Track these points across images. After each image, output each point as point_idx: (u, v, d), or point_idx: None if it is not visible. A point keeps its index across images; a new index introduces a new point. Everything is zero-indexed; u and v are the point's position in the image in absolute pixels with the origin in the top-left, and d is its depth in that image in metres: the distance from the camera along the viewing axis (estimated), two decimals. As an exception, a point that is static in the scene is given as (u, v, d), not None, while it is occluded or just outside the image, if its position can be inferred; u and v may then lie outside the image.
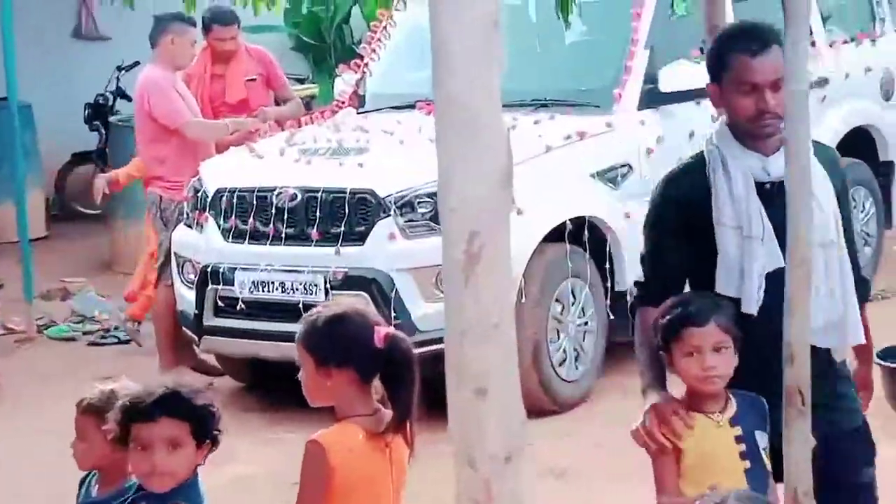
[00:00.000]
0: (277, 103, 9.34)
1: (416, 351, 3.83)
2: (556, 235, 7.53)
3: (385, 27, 9.07)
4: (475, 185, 2.46)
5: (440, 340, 7.52)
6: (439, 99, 2.49)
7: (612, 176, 7.92)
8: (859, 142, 9.60)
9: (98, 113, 12.49)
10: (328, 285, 7.22)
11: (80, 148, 12.78)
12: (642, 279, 4.21)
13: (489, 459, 2.55)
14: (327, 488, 3.59)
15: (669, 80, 8.12)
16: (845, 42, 9.57)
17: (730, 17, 7.97)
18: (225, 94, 8.98)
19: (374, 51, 9.09)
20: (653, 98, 8.18)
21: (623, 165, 7.97)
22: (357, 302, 4.05)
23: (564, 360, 7.60)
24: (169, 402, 3.52)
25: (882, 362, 7.07)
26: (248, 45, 9.36)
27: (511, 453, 2.58)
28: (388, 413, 3.70)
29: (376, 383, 3.71)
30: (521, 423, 2.60)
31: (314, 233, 7.41)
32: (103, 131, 12.32)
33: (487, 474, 2.55)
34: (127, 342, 9.34)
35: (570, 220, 7.57)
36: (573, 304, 7.66)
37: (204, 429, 3.55)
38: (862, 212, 9.52)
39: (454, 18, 2.44)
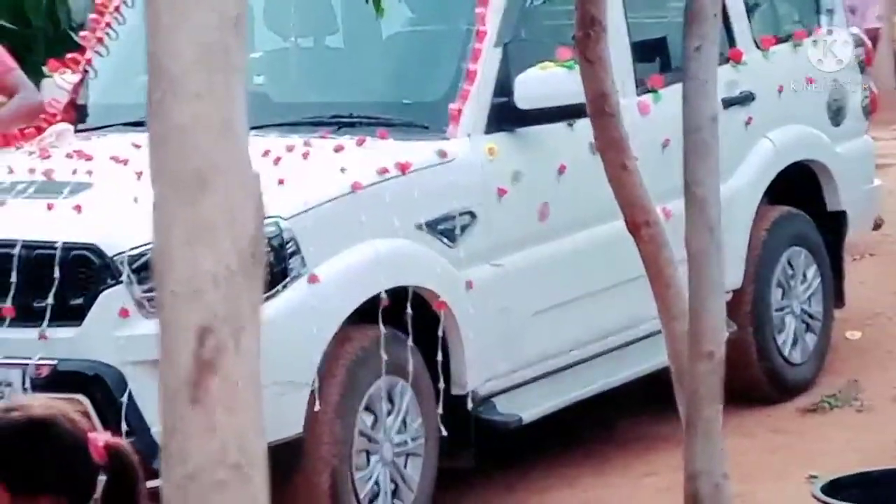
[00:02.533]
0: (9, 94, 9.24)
1: (156, 483, 3.78)
2: (366, 315, 7.52)
3: (117, 8, 8.97)
4: (208, 258, 2.40)
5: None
6: (155, 138, 2.44)
7: (447, 228, 7.91)
8: (799, 184, 9.73)
9: None
10: (27, 385, 7.09)
11: None
12: None
13: None
14: None
15: (530, 91, 8.16)
16: (779, 42, 9.70)
17: (616, 6, 8.11)
18: None
19: (100, 40, 8.99)
20: (506, 116, 8.22)
21: (464, 213, 7.97)
22: (59, 404, 3.99)
23: (377, 496, 7.55)
24: None
25: (826, 500, 7.16)
26: None
27: None
28: None
29: None
30: None
31: (6, 307, 7.30)
32: None
33: None
34: None
35: (387, 291, 7.56)
36: (390, 413, 7.63)
37: None
38: (803, 283, 9.64)
39: (179, 20, 2.38)
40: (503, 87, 8.21)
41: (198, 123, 2.42)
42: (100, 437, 3.75)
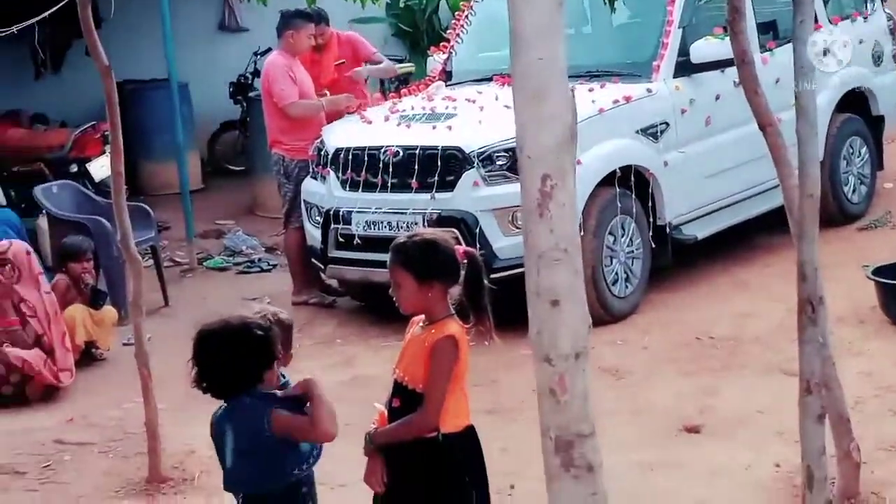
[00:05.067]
0: (376, 65, 9.36)
1: (497, 275, 3.81)
2: (608, 181, 7.45)
3: (467, 16, 8.98)
4: (546, 137, 2.44)
5: (515, 267, 7.57)
6: (516, 69, 2.47)
7: (652, 132, 7.80)
8: (855, 100, 9.37)
9: (239, 90, 12.58)
10: (425, 224, 7.20)
11: (226, 118, 12.86)
12: None
13: (562, 357, 2.57)
14: (454, 372, 3.63)
15: (699, 53, 7.98)
16: (842, 20, 9.31)
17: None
18: (320, 77, 8.98)
19: (458, 35, 9.01)
20: (685, 68, 8.02)
21: (662, 123, 7.84)
22: (433, 230, 4.05)
23: (616, 281, 7.54)
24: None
25: (875, 278, 6.97)
26: (339, 32, 9.32)
27: (579, 352, 2.59)
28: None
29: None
30: (587, 329, 2.60)
31: (413, 182, 7.38)
32: (244, 105, 12.39)
33: (561, 369, 2.57)
34: (268, 270, 9.44)
35: (620, 168, 7.49)
36: (622, 235, 7.59)
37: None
38: (858, 157, 9.32)
39: (528, 3, 2.40)
40: (683, 50, 8.03)
41: (539, 65, 2.44)
42: (461, 248, 3.78)
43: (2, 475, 5.71)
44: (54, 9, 7.13)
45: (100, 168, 10.16)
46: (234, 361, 3.48)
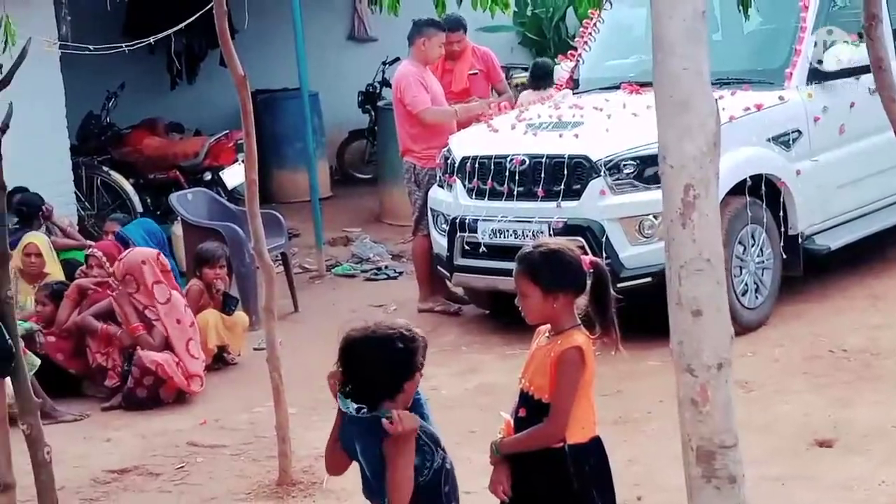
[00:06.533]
0: (499, 94, 9.32)
1: (623, 285, 3.77)
2: (738, 190, 7.32)
3: (595, 24, 8.92)
4: (689, 146, 2.41)
5: (641, 276, 7.44)
6: (659, 78, 2.44)
7: (784, 140, 7.65)
8: None
9: (368, 99, 12.70)
10: (551, 232, 7.17)
11: (354, 127, 13.02)
12: None
13: (704, 367, 2.54)
14: (580, 383, 3.61)
15: (832, 60, 7.80)
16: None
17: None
18: (452, 85, 9.01)
19: (586, 43, 8.95)
20: (818, 75, 7.84)
21: (794, 131, 7.68)
22: (558, 239, 4.01)
23: (746, 291, 7.40)
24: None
25: None
26: (475, 46, 9.34)
27: (721, 363, 2.56)
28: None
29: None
30: (729, 339, 2.56)
31: (539, 191, 7.36)
32: (372, 113, 12.53)
33: (703, 379, 2.54)
34: (395, 277, 9.51)
35: (750, 177, 7.36)
36: (753, 245, 7.46)
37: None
38: None
39: (671, 12, 2.38)
40: (816, 58, 7.86)
41: (683, 74, 2.41)
42: (587, 258, 3.73)
43: (137, 476, 5.86)
44: (190, 20, 7.29)
45: (233, 176, 10.37)
46: (377, 371, 3.42)
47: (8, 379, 4.04)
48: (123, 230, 8.52)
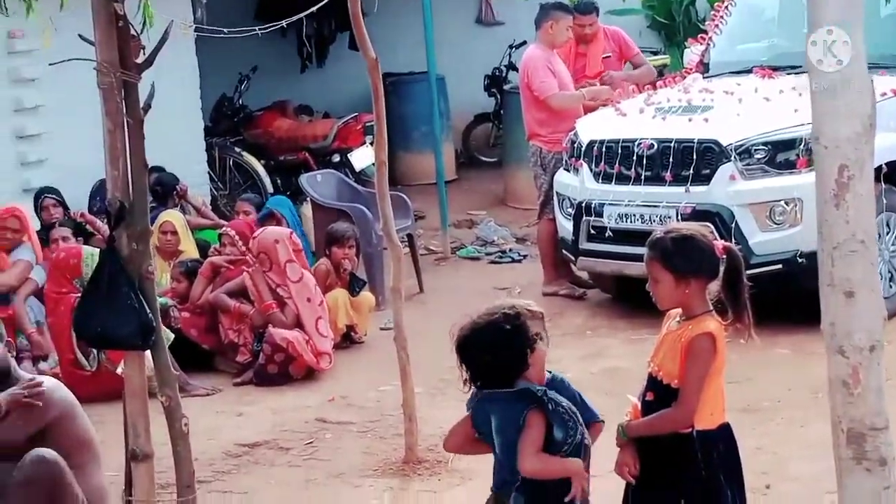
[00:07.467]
0: (635, 67, 9.23)
1: (753, 272, 3.73)
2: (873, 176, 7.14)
3: (726, 6, 8.78)
4: (844, 128, 2.39)
5: (772, 263, 7.29)
6: (811, 65, 2.41)
7: (922, 126, 7.43)
8: None
9: (494, 82, 12.73)
10: (679, 217, 7.09)
11: (480, 110, 13.06)
12: None
13: (856, 349, 2.53)
14: (711, 370, 3.59)
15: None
16: None
17: None
18: (586, 69, 8.95)
19: (717, 26, 8.81)
20: (959, 59, 7.61)
21: (932, 117, 7.46)
22: (689, 224, 3.99)
23: (881, 280, 7.22)
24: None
25: None
26: (605, 27, 9.27)
27: (874, 345, 2.55)
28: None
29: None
30: (882, 321, 2.54)
31: (668, 175, 7.29)
32: (498, 97, 12.54)
33: (855, 361, 2.53)
34: (519, 260, 9.53)
35: (886, 163, 7.17)
36: (887, 233, 7.27)
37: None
38: None
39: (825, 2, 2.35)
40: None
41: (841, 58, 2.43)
42: (720, 243, 3.71)
43: (268, 450, 5.98)
44: (322, 3, 7.38)
45: (360, 158, 10.50)
46: (493, 360, 3.53)
47: (148, 352, 4.16)
48: (273, 205, 8.68)
